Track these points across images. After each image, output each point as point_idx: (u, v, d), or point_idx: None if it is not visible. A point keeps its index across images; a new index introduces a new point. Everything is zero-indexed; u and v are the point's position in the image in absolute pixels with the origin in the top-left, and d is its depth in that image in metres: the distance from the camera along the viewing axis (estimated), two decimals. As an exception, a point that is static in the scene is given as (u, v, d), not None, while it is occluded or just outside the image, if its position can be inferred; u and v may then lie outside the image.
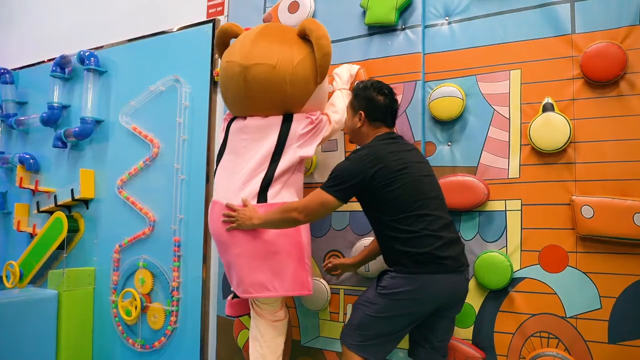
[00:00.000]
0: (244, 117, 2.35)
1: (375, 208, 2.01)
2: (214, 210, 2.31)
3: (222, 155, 2.40)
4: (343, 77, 2.49)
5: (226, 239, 2.24)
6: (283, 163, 2.22)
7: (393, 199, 1.92)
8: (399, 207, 1.92)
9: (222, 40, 2.49)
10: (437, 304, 1.93)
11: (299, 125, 2.25)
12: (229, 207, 2.20)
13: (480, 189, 2.23)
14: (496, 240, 2.24)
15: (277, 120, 2.27)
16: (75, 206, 3.70)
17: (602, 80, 2.08)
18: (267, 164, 2.22)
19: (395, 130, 2.18)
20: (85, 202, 3.64)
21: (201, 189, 3.11)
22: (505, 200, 2.23)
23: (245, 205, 2.17)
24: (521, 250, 2.19)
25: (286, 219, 2.05)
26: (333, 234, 2.59)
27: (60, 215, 3.56)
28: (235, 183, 2.25)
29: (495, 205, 2.25)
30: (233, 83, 2.29)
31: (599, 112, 2.10)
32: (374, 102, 2.09)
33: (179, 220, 3.16)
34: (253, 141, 2.28)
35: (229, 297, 2.60)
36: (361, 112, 2.10)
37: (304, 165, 2.45)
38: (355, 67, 2.54)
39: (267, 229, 2.15)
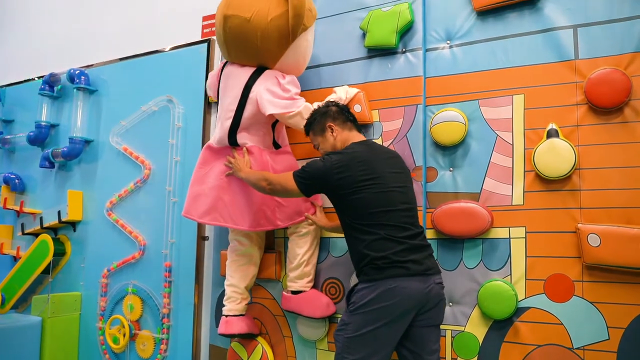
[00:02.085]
0: (229, 63, 2.53)
1: (342, 210, 2.04)
2: (207, 146, 2.58)
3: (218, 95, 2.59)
4: (338, 93, 2.49)
5: (205, 173, 2.52)
6: (247, 112, 2.38)
7: (359, 206, 1.94)
8: (364, 214, 1.94)
9: None
10: (410, 310, 1.88)
11: (265, 80, 2.38)
12: (231, 154, 2.44)
13: (484, 216, 2.18)
14: (500, 269, 2.18)
15: (248, 71, 2.42)
16: (62, 228, 3.60)
17: (606, 106, 2.05)
18: (234, 110, 2.40)
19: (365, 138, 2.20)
20: (73, 225, 3.53)
21: (194, 213, 3.02)
22: (509, 227, 2.19)
23: (243, 155, 2.41)
24: (526, 279, 2.14)
25: (257, 185, 2.21)
26: (332, 261, 2.52)
27: (46, 237, 3.45)
28: (219, 129, 2.49)
29: (499, 233, 2.20)
30: (218, 29, 2.46)
31: (604, 138, 2.07)
32: (329, 111, 2.17)
33: (171, 244, 3.08)
34: (229, 88, 2.45)
35: (223, 316, 2.56)
36: (329, 124, 2.15)
37: (278, 123, 2.52)
38: (353, 90, 2.50)
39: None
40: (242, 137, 2.43)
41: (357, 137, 2.14)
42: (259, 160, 2.40)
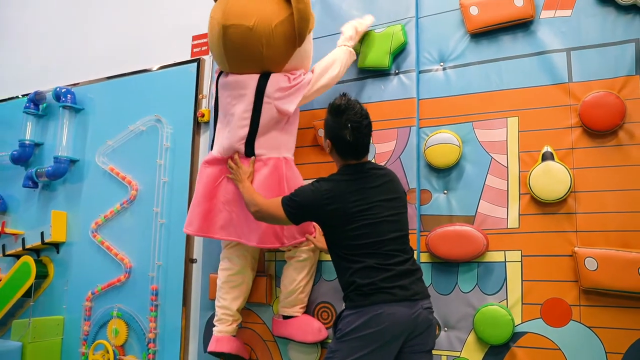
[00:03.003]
0: (225, 73, 2.43)
1: (330, 240, 2.00)
2: (209, 160, 2.44)
3: (217, 112, 2.48)
4: (346, 33, 2.44)
5: (215, 187, 2.40)
6: (264, 118, 2.29)
7: (347, 238, 1.91)
8: (352, 245, 1.90)
9: None
10: (398, 336, 1.82)
11: (276, 80, 2.30)
12: (234, 160, 2.33)
13: (479, 239, 2.16)
14: (496, 293, 2.15)
15: (255, 77, 2.32)
16: (45, 250, 3.50)
17: (601, 129, 2.05)
18: (249, 119, 2.30)
19: (366, 160, 2.04)
20: (56, 246, 3.44)
21: (182, 235, 2.95)
22: (504, 251, 2.16)
23: (249, 164, 2.32)
24: (522, 304, 2.11)
25: (247, 207, 2.17)
26: (324, 285, 2.47)
27: (28, 259, 3.33)
28: (226, 139, 2.36)
29: (494, 256, 2.17)
30: (215, 40, 2.35)
31: (599, 161, 2.06)
32: (340, 137, 1.95)
33: (157, 267, 3.00)
34: (235, 97, 2.35)
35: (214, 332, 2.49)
36: (329, 140, 2.02)
37: (295, 125, 2.44)
38: (363, 24, 2.46)
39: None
40: (260, 146, 2.32)
41: (352, 160, 2.01)
42: (275, 173, 2.31)
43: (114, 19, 3.69)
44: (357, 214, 1.89)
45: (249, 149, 2.33)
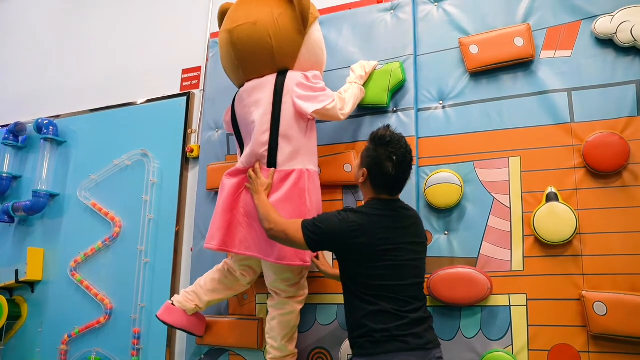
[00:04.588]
0: (243, 85, 2.37)
1: (348, 275, 1.88)
2: (231, 172, 2.31)
3: (237, 127, 2.39)
4: (356, 71, 2.41)
5: (235, 199, 2.26)
6: (284, 117, 2.20)
7: (367, 276, 1.81)
8: (370, 285, 1.80)
9: (222, 17, 2.47)
10: None
11: (294, 79, 2.24)
12: (255, 170, 2.20)
13: (483, 283, 2.08)
14: (501, 339, 2.07)
15: (272, 78, 2.27)
16: (19, 289, 3.32)
17: (606, 170, 2.02)
18: (269, 122, 2.21)
19: (398, 197, 1.96)
20: (31, 285, 3.27)
21: (167, 274, 2.84)
22: (509, 294, 2.09)
23: (267, 176, 2.17)
24: (528, 350, 2.02)
25: (262, 221, 2.03)
26: (318, 329, 2.36)
27: (0, 299, 3.16)
28: (248, 147, 2.25)
29: (498, 300, 2.10)
30: (225, 51, 2.36)
31: (604, 202, 2.03)
32: (381, 168, 1.86)
33: (140, 308, 2.87)
34: (253, 104, 2.28)
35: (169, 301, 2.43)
36: (365, 170, 1.91)
37: (315, 133, 2.34)
38: (371, 64, 2.44)
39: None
40: (283, 151, 2.19)
41: (385, 195, 1.91)
42: (296, 186, 2.17)
43: (100, 49, 3.63)
44: (382, 253, 1.79)
45: (272, 156, 2.20)
